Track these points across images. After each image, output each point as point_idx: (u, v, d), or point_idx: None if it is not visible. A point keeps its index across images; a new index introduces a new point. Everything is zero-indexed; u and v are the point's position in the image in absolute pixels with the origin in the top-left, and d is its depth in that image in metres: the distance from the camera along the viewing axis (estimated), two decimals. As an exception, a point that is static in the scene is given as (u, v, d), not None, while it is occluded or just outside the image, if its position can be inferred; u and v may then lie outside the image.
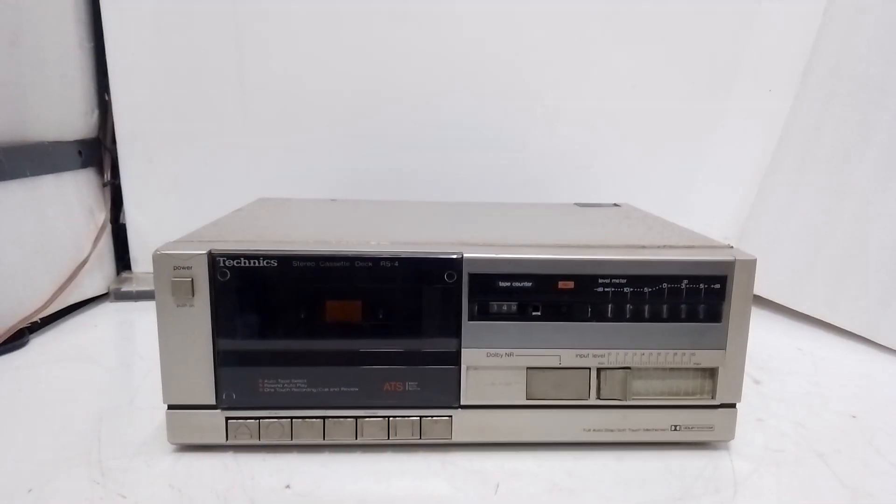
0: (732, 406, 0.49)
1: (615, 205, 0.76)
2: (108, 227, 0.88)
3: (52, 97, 0.78)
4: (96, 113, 0.86)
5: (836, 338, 0.77)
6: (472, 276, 0.46)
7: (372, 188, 0.90)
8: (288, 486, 0.45)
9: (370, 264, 0.46)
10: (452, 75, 0.88)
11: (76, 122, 0.83)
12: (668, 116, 0.91)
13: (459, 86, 0.89)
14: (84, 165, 0.85)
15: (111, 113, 0.87)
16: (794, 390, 0.63)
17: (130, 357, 0.69)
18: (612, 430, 0.49)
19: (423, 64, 0.88)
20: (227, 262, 0.45)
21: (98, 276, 0.85)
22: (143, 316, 0.81)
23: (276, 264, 0.45)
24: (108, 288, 0.86)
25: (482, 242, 0.48)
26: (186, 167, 0.90)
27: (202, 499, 0.43)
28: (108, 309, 0.84)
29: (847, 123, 0.79)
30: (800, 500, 0.44)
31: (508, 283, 0.46)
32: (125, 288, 0.85)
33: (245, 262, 0.45)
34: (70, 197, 0.81)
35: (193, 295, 0.45)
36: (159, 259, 0.45)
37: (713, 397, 0.49)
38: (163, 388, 0.47)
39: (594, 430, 0.49)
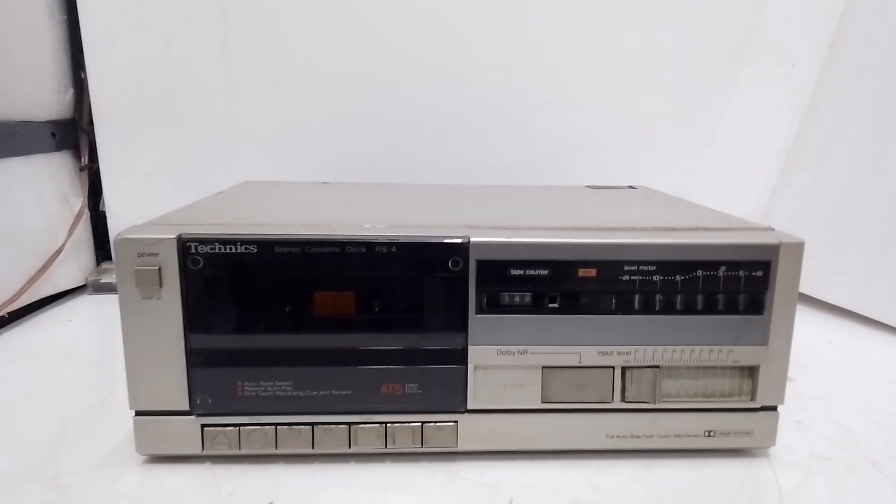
0: (774, 409, 0.44)
1: (631, 187, 0.70)
2: (86, 215, 0.82)
3: (19, 72, 0.71)
4: (71, 92, 0.80)
5: (869, 329, 0.72)
6: (480, 264, 0.40)
7: (368, 172, 0.84)
8: (272, 503, 0.39)
9: (363, 250, 0.40)
10: (454, 49, 0.82)
11: (48, 101, 0.77)
12: (684, 93, 0.85)
13: (461, 60, 0.83)
14: (58, 148, 0.79)
15: (87, 92, 0.81)
16: (831, 387, 0.57)
17: (106, 354, 0.63)
18: (638, 437, 0.43)
19: (425, 38, 0.82)
20: (199, 249, 0.39)
21: (74, 267, 0.79)
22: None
23: (255, 250, 0.39)
24: (86, 279, 0.80)
25: (491, 225, 0.42)
26: (170, 150, 0.84)
27: (173, 519, 0.37)
28: (86, 302, 0.78)
29: (880, 97, 0.73)
30: (857, 517, 0.39)
31: (521, 271, 0.41)
32: (104, 279, 0.80)
33: (220, 248, 0.39)
34: (42, 181, 0.75)
35: (161, 285, 0.39)
36: (121, 245, 0.39)
37: (753, 399, 0.43)
38: (129, 392, 0.41)
39: (619, 437, 0.43)
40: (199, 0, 0.79)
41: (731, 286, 0.41)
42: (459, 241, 0.40)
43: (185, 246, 0.39)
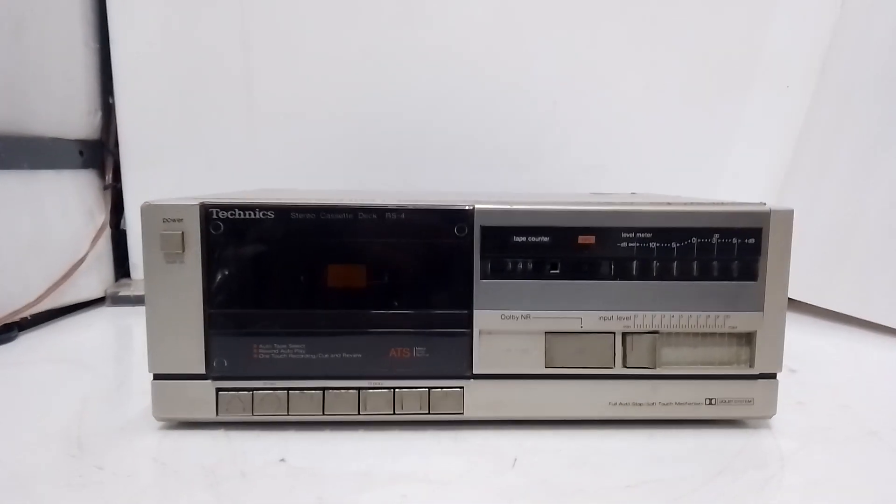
0: (773, 376, 0.45)
1: (632, 193, 0.72)
2: (108, 231, 0.85)
3: (54, 93, 0.76)
4: (99, 114, 0.85)
5: (874, 334, 0.72)
6: (484, 230, 0.43)
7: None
8: (283, 460, 0.40)
9: (374, 216, 0.42)
10: (459, 77, 0.86)
11: (78, 122, 0.81)
12: (682, 117, 0.88)
13: (466, 87, 0.87)
14: (85, 166, 0.83)
15: (115, 115, 0.85)
16: (836, 378, 0.58)
17: (121, 360, 0.65)
18: (640, 405, 0.45)
19: (430, 68, 0.86)
20: (220, 214, 0.42)
21: (95, 279, 0.81)
22: (140, 321, 0.77)
23: (272, 216, 0.42)
24: (105, 292, 0.82)
25: (496, 201, 0.45)
26: (191, 172, 0.88)
27: (188, 472, 0.39)
28: (105, 313, 0.80)
29: (870, 115, 0.76)
30: (859, 476, 0.39)
31: (524, 238, 0.43)
32: (123, 292, 0.82)
33: (240, 214, 0.42)
34: (69, 195, 0.78)
35: (184, 250, 0.42)
36: (148, 211, 0.42)
37: (751, 366, 0.44)
38: (148, 354, 0.43)
39: (621, 405, 0.44)
40: (221, 32, 0.85)
41: (725, 253, 0.43)
42: (465, 207, 0.43)
43: (207, 212, 0.42)
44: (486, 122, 0.88)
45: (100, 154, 0.86)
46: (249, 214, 0.42)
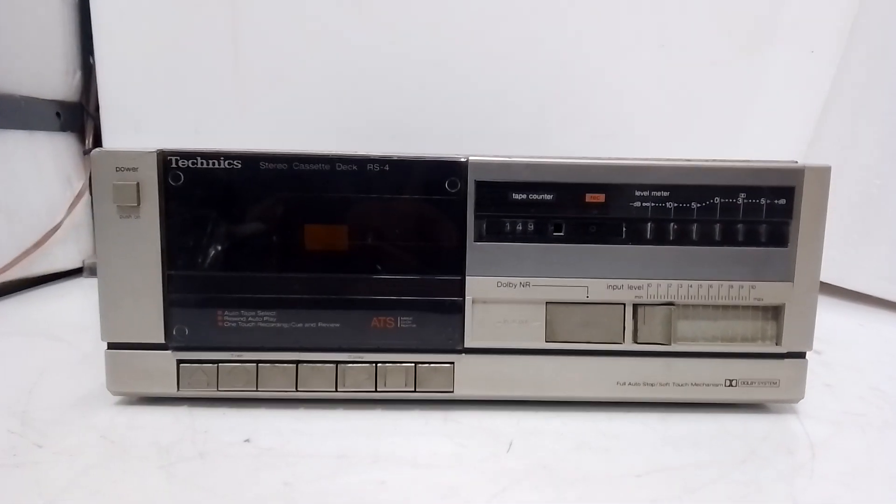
0: (802, 356, 0.40)
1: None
2: (88, 199, 0.80)
3: (27, 49, 0.71)
4: (79, 75, 0.80)
5: (902, 316, 0.67)
6: (479, 185, 0.38)
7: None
8: (248, 440, 0.36)
9: (354, 168, 0.37)
10: (460, 36, 0.80)
11: (55, 81, 0.76)
12: (699, 81, 0.82)
13: (468, 49, 0.81)
14: (63, 129, 0.78)
15: (95, 76, 0.80)
16: (864, 358, 0.53)
17: (94, 333, 0.60)
18: (652, 385, 0.40)
19: (434, 33, 0.81)
20: (180, 163, 0.37)
21: (73, 249, 0.77)
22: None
23: (239, 166, 0.37)
24: (83, 262, 0.78)
25: (493, 153, 0.40)
26: (176, 137, 0.83)
27: (139, 452, 0.34)
28: (82, 284, 0.76)
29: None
30: (899, 465, 0.35)
31: (524, 195, 0.38)
32: (102, 263, 0.77)
33: (202, 163, 0.37)
34: (44, 159, 0.74)
35: (139, 203, 0.37)
36: (99, 158, 0.37)
37: (778, 343, 0.39)
38: (101, 321, 0.38)
39: (630, 385, 0.40)
40: (208, -14, 0.79)
41: (752, 215, 0.38)
42: (458, 159, 0.38)
43: (165, 160, 0.37)
44: (490, 87, 0.82)
45: (79, 117, 0.81)
46: (213, 164, 0.37)
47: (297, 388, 0.39)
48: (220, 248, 0.38)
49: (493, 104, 0.82)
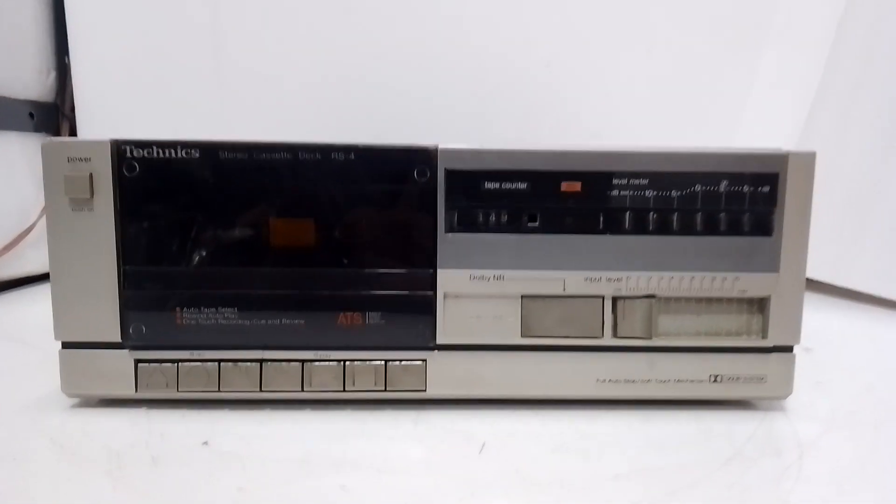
0: (789, 350, 0.38)
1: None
2: (63, 201, 0.78)
3: (-2, 46, 0.69)
4: (53, 75, 0.78)
5: (893, 313, 0.66)
6: (450, 174, 0.36)
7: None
8: (206, 443, 0.34)
9: (318, 156, 0.36)
10: (451, 36, 0.79)
11: (27, 80, 0.74)
12: (687, 80, 0.81)
13: (456, 50, 0.80)
14: (37, 129, 0.76)
15: (71, 76, 0.79)
16: (855, 356, 0.51)
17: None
18: (633, 382, 0.38)
19: (421, 29, 0.79)
20: (135, 152, 0.35)
21: (46, 252, 0.75)
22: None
23: (197, 155, 0.35)
24: (57, 266, 0.76)
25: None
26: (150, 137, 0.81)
27: (88, 456, 0.32)
28: (55, 288, 0.73)
29: (891, 76, 0.69)
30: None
31: (497, 184, 0.36)
32: (77, 267, 0.75)
33: (159, 153, 0.35)
34: (15, 159, 0.72)
35: (92, 195, 0.35)
36: (49, 149, 0.35)
37: (764, 337, 0.38)
38: (54, 319, 0.36)
39: (611, 382, 0.38)
40: (186, -17, 0.78)
41: (734, 203, 0.36)
42: (427, 147, 0.36)
43: (119, 150, 0.35)
44: (476, 87, 0.81)
45: (54, 118, 0.79)
46: (170, 153, 0.35)
47: (260, 388, 0.37)
48: (177, 241, 0.36)
49: (478, 104, 0.81)
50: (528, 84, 0.80)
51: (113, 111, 0.80)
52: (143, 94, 0.80)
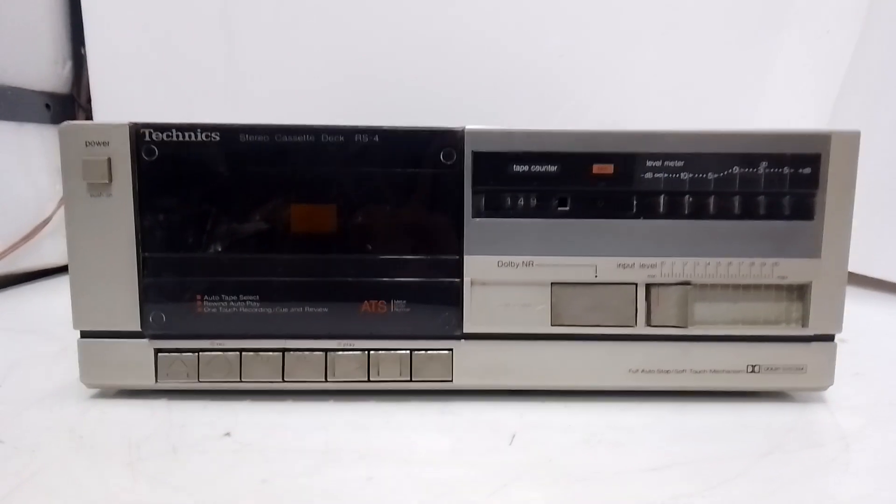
0: (830, 339, 0.37)
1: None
2: (80, 193, 0.78)
3: (14, 38, 0.69)
4: (69, 65, 0.78)
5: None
6: (477, 157, 0.35)
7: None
8: (228, 434, 0.33)
9: (341, 139, 0.35)
10: (459, 18, 0.77)
11: (43, 71, 0.74)
12: (707, 66, 0.79)
13: (470, 36, 0.78)
14: (54, 121, 0.76)
15: (86, 68, 0.78)
16: (892, 348, 0.50)
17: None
18: (667, 372, 0.37)
19: (428, 10, 0.78)
20: (154, 136, 0.34)
21: (64, 244, 0.74)
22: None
23: (218, 139, 0.34)
24: (75, 258, 0.75)
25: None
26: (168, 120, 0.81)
27: (107, 447, 0.31)
28: (73, 280, 0.73)
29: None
30: (943, 457, 0.31)
31: (526, 167, 0.35)
32: (94, 259, 0.75)
33: (178, 136, 0.34)
34: (33, 151, 0.71)
35: (111, 181, 0.34)
36: (67, 132, 0.35)
37: (804, 325, 0.36)
38: (72, 307, 0.36)
39: (644, 372, 0.37)
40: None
41: (774, 186, 0.35)
42: (454, 129, 0.35)
43: (138, 133, 0.34)
44: (490, 74, 0.79)
45: (70, 109, 0.79)
46: (190, 136, 0.34)
47: (283, 378, 0.36)
48: (197, 228, 0.35)
49: (493, 92, 0.79)
50: (541, 74, 0.79)
51: (129, 101, 0.79)
52: (158, 84, 0.79)
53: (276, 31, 0.78)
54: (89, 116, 0.80)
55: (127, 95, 0.79)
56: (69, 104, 0.79)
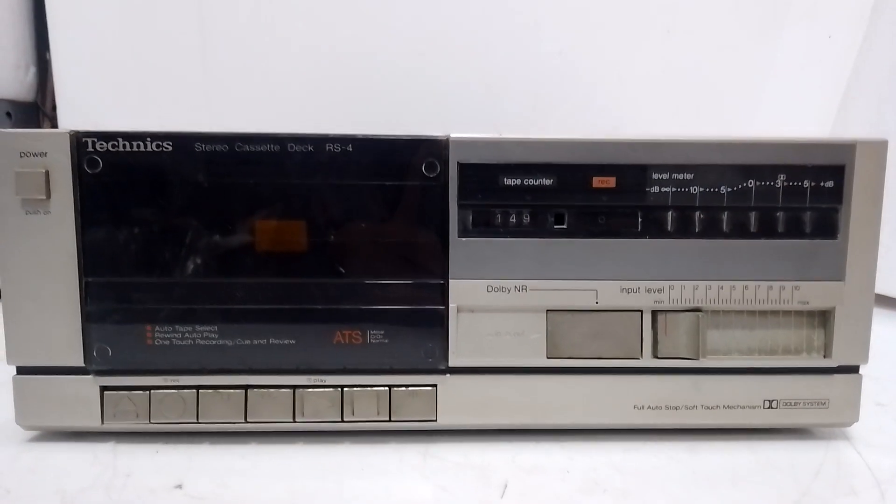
0: (855, 370, 0.33)
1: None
2: (44, 206, 0.74)
3: (-30, 40, 0.65)
4: (33, 71, 0.73)
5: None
6: (463, 168, 0.31)
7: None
8: (179, 486, 0.29)
9: (310, 148, 0.31)
10: (451, 22, 0.74)
11: (6, 78, 0.70)
12: (708, 68, 0.76)
13: (460, 35, 0.75)
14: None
15: (51, 74, 0.74)
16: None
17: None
18: (676, 409, 0.33)
19: (419, 6, 0.74)
20: (98, 146, 0.30)
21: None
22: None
23: (170, 148, 0.30)
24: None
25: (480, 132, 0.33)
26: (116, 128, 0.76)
27: (35, 501, 0.27)
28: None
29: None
30: None
31: (518, 180, 0.31)
32: (58, 276, 0.71)
33: (125, 146, 0.30)
34: (-10, 162, 0.67)
35: (49, 196, 0.30)
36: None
37: (827, 355, 0.32)
38: (6, 340, 0.31)
39: (650, 408, 0.33)
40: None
41: (793, 200, 0.31)
42: (437, 137, 0.31)
43: (80, 143, 0.30)
44: (482, 76, 0.76)
45: (34, 117, 0.75)
46: (138, 146, 0.30)
47: (245, 418, 0.32)
48: (148, 249, 0.31)
49: (485, 95, 0.76)
50: (539, 73, 0.75)
51: (96, 109, 0.75)
52: (127, 91, 0.75)
53: (252, 33, 0.74)
54: (54, 125, 0.76)
55: (94, 103, 0.75)
56: (33, 112, 0.75)
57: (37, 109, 0.75)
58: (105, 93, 0.75)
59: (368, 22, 0.72)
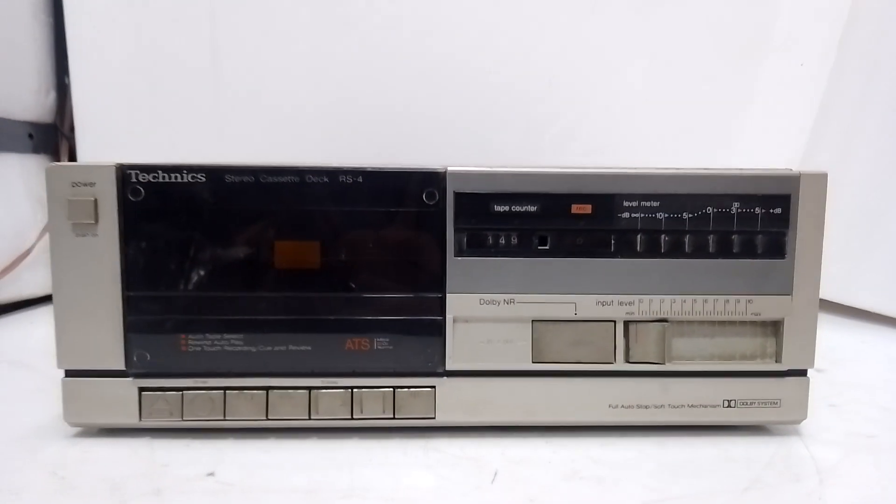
0: (803, 374, 0.38)
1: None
2: (62, 222, 0.78)
3: (-3, 66, 0.69)
4: (53, 95, 0.78)
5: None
6: (458, 197, 0.36)
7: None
8: (211, 474, 0.33)
9: (325, 180, 0.35)
10: (447, 50, 0.79)
11: (27, 101, 0.74)
12: (689, 95, 0.81)
13: (456, 64, 0.80)
14: (36, 150, 0.76)
15: (70, 96, 0.78)
16: (869, 377, 0.51)
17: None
18: (646, 407, 0.37)
19: (416, 42, 0.79)
20: (140, 177, 0.35)
21: (44, 275, 0.74)
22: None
23: (203, 179, 0.35)
24: (56, 288, 0.75)
25: (473, 163, 0.38)
26: (154, 160, 0.81)
27: (89, 489, 0.31)
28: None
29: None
30: (914, 491, 0.32)
31: (506, 207, 0.36)
32: (76, 288, 0.75)
33: (164, 177, 0.35)
34: (14, 180, 0.71)
35: (97, 221, 0.35)
36: (53, 173, 0.35)
37: (778, 360, 0.37)
38: (56, 346, 0.36)
39: (623, 407, 0.37)
40: (187, 3, 0.78)
41: (746, 225, 0.36)
42: (436, 170, 0.36)
43: (124, 174, 0.35)
44: (476, 102, 0.80)
45: (53, 138, 0.79)
46: (175, 177, 0.35)
47: (266, 416, 0.36)
48: (182, 267, 0.35)
49: (479, 120, 0.80)
50: (529, 101, 0.80)
51: (113, 131, 0.80)
52: (143, 115, 0.80)
53: (262, 59, 0.79)
54: (72, 145, 0.80)
55: (111, 125, 0.79)
56: (52, 133, 0.79)
57: (55, 130, 0.79)
58: (120, 116, 0.79)
59: (369, 53, 0.77)
